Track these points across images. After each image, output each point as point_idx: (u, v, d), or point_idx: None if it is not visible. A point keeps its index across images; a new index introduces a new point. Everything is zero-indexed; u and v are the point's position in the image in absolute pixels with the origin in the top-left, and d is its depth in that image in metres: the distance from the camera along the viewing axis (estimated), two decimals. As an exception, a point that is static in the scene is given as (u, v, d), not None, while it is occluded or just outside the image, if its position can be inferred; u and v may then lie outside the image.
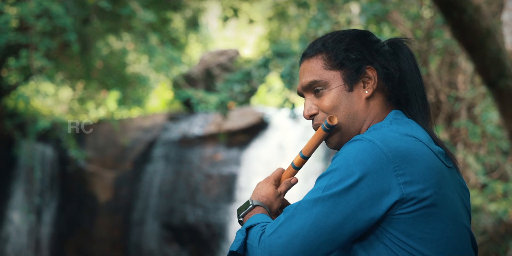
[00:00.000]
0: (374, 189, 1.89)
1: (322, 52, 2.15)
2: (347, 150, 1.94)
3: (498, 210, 8.34)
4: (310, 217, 1.88)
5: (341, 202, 1.88)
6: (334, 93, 2.12)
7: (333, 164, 1.95)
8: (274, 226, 1.90)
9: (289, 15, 12.43)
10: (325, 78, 2.12)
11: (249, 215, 2.08)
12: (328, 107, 2.11)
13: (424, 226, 1.92)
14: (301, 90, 2.17)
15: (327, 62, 2.13)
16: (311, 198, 1.90)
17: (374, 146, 1.92)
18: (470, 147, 9.19)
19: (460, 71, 9.26)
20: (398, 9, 8.87)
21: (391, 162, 1.90)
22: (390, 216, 1.90)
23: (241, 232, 1.99)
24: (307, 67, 2.16)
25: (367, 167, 1.90)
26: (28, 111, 12.11)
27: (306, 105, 2.16)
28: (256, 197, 2.13)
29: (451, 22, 5.92)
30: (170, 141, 12.68)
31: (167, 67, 12.31)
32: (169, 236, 12.20)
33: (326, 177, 1.93)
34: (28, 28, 10.06)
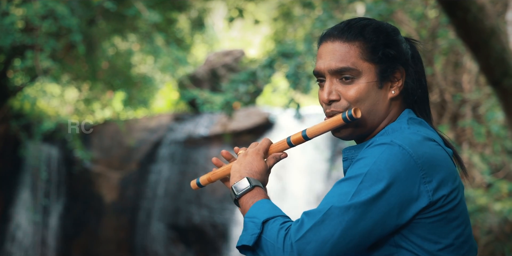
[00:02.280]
0: (403, 196, 1.89)
1: (360, 39, 2.08)
2: (376, 154, 1.91)
3: (503, 210, 8.33)
4: (341, 224, 1.85)
5: (372, 209, 1.87)
6: (365, 86, 2.07)
7: (362, 167, 1.91)
8: (301, 230, 1.85)
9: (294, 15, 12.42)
10: (359, 68, 2.07)
11: (250, 197, 2.03)
12: (354, 98, 2.06)
13: (441, 230, 1.93)
14: (326, 71, 2.08)
15: (364, 52, 2.07)
16: (342, 205, 1.86)
17: (405, 152, 1.91)
18: (475, 146, 9.17)
19: (465, 71, 9.25)
20: (403, 9, 8.87)
21: (420, 169, 1.90)
22: (412, 221, 1.91)
23: (255, 224, 1.94)
24: (340, 50, 2.07)
25: (398, 174, 1.89)
26: (34, 112, 12.13)
27: (327, 88, 2.08)
28: (250, 173, 2.09)
29: (455, 21, 5.91)
30: (175, 142, 12.69)
31: (172, 68, 12.31)
32: (174, 237, 12.21)
33: (355, 180, 1.89)
34: (34, 29, 10.08)
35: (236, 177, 2.08)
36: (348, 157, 2.15)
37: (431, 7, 8.97)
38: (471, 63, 8.98)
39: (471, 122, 8.78)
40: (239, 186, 2.05)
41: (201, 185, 2.29)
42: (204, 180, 2.29)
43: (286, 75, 8.90)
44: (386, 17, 8.43)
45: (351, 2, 8.82)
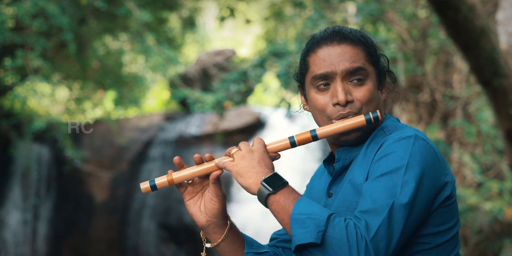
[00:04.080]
0: (435, 186, 2.01)
1: (362, 43, 2.16)
2: (408, 147, 1.99)
3: (493, 209, 8.36)
4: (404, 219, 1.92)
5: (417, 200, 1.96)
6: (372, 87, 2.15)
7: (399, 159, 1.97)
8: (372, 229, 1.89)
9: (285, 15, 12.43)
10: (368, 70, 2.14)
11: (288, 193, 2.00)
12: (367, 99, 2.13)
13: (449, 216, 2.06)
14: (340, 72, 2.12)
15: (367, 55, 2.15)
16: (404, 202, 1.92)
17: (429, 146, 2.02)
18: (466, 146, 9.20)
19: (455, 71, 9.27)
20: (394, 9, 8.88)
21: (441, 162, 2.04)
22: (435, 210, 2.04)
23: (317, 221, 1.91)
24: (349, 52, 2.13)
25: (429, 165, 1.99)
26: (25, 111, 12.09)
27: (342, 89, 2.11)
28: (270, 169, 2.07)
29: (445, 21, 5.93)
30: (166, 141, 12.67)
31: (163, 67, 12.31)
32: (165, 236, 12.20)
33: (397, 173, 1.96)
34: (24, 28, 10.05)
35: (254, 172, 2.06)
36: (341, 158, 2.20)
37: (421, 7, 8.99)
38: (461, 62, 9.00)
39: (462, 122, 8.80)
40: (270, 182, 2.02)
41: (156, 188, 2.21)
42: (163, 182, 2.20)
43: (277, 74, 8.90)
44: (377, 17, 8.45)
45: (342, 2, 8.83)
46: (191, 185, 2.25)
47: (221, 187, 2.22)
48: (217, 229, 2.24)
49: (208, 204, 2.23)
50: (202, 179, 2.24)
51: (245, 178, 2.07)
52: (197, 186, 2.25)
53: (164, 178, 2.20)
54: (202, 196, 2.25)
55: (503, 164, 8.92)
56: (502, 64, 6.04)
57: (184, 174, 2.19)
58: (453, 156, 8.98)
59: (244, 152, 2.12)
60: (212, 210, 2.22)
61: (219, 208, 2.22)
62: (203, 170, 2.18)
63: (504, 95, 6.17)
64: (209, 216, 2.23)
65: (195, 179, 2.24)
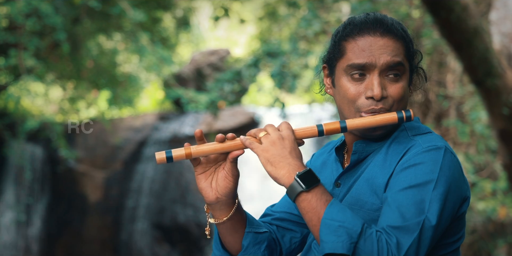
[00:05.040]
0: (458, 200, 1.99)
1: (403, 38, 2.11)
2: (439, 160, 1.96)
3: (487, 209, 8.37)
4: (430, 238, 1.91)
5: (443, 216, 1.94)
6: (406, 84, 2.11)
7: (428, 172, 1.94)
8: (403, 248, 1.87)
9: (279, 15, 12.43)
10: (405, 66, 2.10)
11: (320, 193, 1.95)
12: (399, 96, 2.08)
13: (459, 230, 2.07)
14: (380, 65, 2.06)
15: (406, 51, 2.10)
16: (434, 223, 1.91)
17: (456, 160, 2.00)
18: (459, 146, 9.21)
19: (449, 71, 9.28)
20: (388, 9, 8.88)
21: (464, 176, 2.03)
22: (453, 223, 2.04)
23: (350, 231, 1.88)
24: (392, 46, 2.08)
25: (456, 181, 1.97)
26: (18, 111, 12.04)
27: (378, 83, 2.05)
28: (302, 162, 2.02)
29: (439, 21, 5.93)
30: (160, 141, 12.66)
31: (157, 67, 12.28)
32: (159, 236, 12.19)
33: (426, 187, 1.93)
34: (17, 27, 10.02)
35: (286, 163, 1.99)
36: (358, 151, 2.14)
37: (415, 7, 8.99)
38: (455, 62, 9.01)
39: (455, 122, 8.81)
40: (305, 178, 1.96)
41: (171, 160, 2.11)
42: (180, 155, 2.11)
43: (271, 74, 8.90)
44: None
45: (336, 1, 8.84)
46: (205, 159, 2.18)
47: (237, 166, 2.16)
48: (224, 207, 2.19)
49: (222, 182, 2.16)
50: (218, 155, 2.17)
51: (277, 168, 2.00)
52: (212, 161, 2.19)
53: (182, 150, 2.12)
54: (215, 172, 2.19)
55: (497, 164, 8.94)
56: (495, 64, 6.05)
57: (204, 149, 2.12)
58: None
59: (274, 138, 2.04)
60: (225, 188, 2.16)
61: (232, 187, 2.16)
62: (225, 147, 2.12)
63: (497, 95, 6.17)
64: (220, 193, 2.16)
65: (211, 155, 2.17)
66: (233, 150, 2.12)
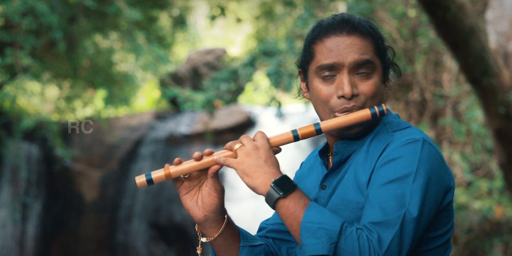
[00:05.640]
0: (440, 192, 1.98)
1: (372, 35, 2.10)
2: (417, 152, 1.96)
3: (483, 208, 8.38)
4: (413, 232, 1.90)
5: (425, 209, 1.93)
6: (378, 80, 2.10)
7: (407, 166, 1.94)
8: (384, 243, 1.87)
9: (276, 14, 12.43)
10: (375, 63, 2.09)
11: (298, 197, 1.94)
12: (372, 93, 2.08)
13: (447, 223, 2.06)
14: (348, 64, 2.06)
15: (376, 48, 2.10)
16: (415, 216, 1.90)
17: (436, 151, 1.99)
18: (456, 145, 9.21)
19: (445, 70, 9.28)
20: (384, 8, 8.89)
21: (446, 167, 2.01)
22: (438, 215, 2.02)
23: (330, 232, 1.87)
24: (359, 44, 2.07)
25: (436, 172, 1.96)
26: (14, 110, 12.02)
27: (348, 82, 2.05)
28: (278, 169, 2.01)
29: (435, 20, 5.93)
30: (157, 140, 12.65)
31: (154, 66, 12.27)
32: (155, 235, 12.18)
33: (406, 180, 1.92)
34: (13, 26, 10.00)
35: (262, 172, 1.99)
36: (339, 152, 2.14)
37: (411, 6, 9.00)
38: (451, 62, 9.01)
39: (452, 121, 8.82)
40: (280, 185, 1.96)
41: (152, 182, 2.12)
42: (160, 176, 2.11)
43: (267, 73, 8.90)
44: (367, 16, 8.45)
45: (333, 1, 8.84)
46: (187, 179, 2.17)
47: (219, 181, 2.16)
48: (214, 223, 2.19)
49: (206, 199, 2.15)
50: (199, 172, 2.16)
51: (253, 178, 1.99)
52: (194, 180, 2.17)
53: (161, 171, 2.12)
54: (199, 190, 2.18)
55: (493, 163, 8.95)
56: (491, 63, 6.05)
57: (182, 168, 2.12)
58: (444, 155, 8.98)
59: (249, 149, 2.04)
60: (211, 205, 2.15)
61: (217, 203, 2.15)
62: (202, 164, 2.11)
63: (493, 94, 6.18)
64: (207, 211, 2.16)
65: (193, 173, 2.17)
66: (211, 166, 2.12)
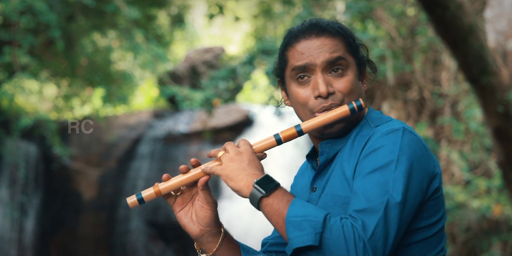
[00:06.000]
0: (426, 177, 1.99)
1: (341, 35, 2.14)
2: (397, 140, 1.98)
3: (481, 207, 8.38)
4: (398, 216, 1.90)
5: (409, 194, 1.93)
6: (353, 77, 2.13)
7: (388, 154, 1.96)
8: (368, 229, 1.87)
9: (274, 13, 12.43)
10: (348, 60, 2.12)
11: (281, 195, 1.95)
12: (349, 89, 2.10)
13: (437, 211, 2.05)
14: (320, 64, 2.09)
15: (347, 46, 2.13)
16: (398, 201, 1.90)
17: (417, 139, 2.01)
18: (454, 144, 9.22)
19: (443, 68, 9.29)
20: (383, 7, 8.89)
21: (429, 154, 2.03)
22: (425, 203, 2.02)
23: (314, 223, 1.88)
24: (329, 44, 2.11)
25: (419, 158, 1.98)
26: (12, 108, 12.02)
27: (323, 81, 2.08)
28: (260, 170, 2.03)
29: (434, 19, 5.93)
30: (155, 139, 12.64)
31: (152, 64, 12.27)
32: (154, 234, 12.18)
33: (388, 168, 1.94)
34: (12, 24, 9.99)
35: (245, 175, 2.01)
36: (325, 151, 2.17)
37: (410, 5, 9.00)
38: (450, 60, 9.02)
39: (450, 119, 8.82)
40: (263, 184, 1.97)
41: (143, 201, 2.16)
42: (150, 194, 2.14)
43: (266, 72, 8.89)
44: (366, 15, 8.45)
45: (331, -1, 8.84)
46: (180, 196, 2.20)
47: (211, 193, 2.17)
48: (211, 238, 2.19)
49: (200, 212, 2.18)
50: (190, 188, 2.19)
51: (236, 181, 2.01)
52: (186, 196, 2.20)
53: (150, 190, 2.15)
54: (192, 206, 2.20)
55: (491, 162, 8.95)
56: (490, 62, 6.05)
57: (171, 184, 2.14)
58: (442, 154, 8.99)
59: (232, 154, 2.06)
60: (205, 218, 2.17)
61: (211, 216, 2.17)
62: (190, 177, 2.13)
63: (492, 92, 6.18)
64: (202, 225, 2.18)
65: (184, 189, 2.19)
66: (199, 178, 2.13)
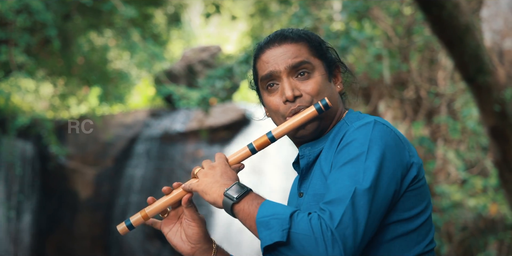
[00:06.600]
0: (400, 166, 1.99)
1: (304, 39, 2.19)
2: (368, 133, 1.99)
3: (477, 206, 8.39)
4: (368, 203, 1.90)
5: (380, 183, 1.94)
6: (320, 79, 2.16)
7: (359, 146, 1.97)
8: (335, 217, 1.87)
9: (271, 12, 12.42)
10: (313, 63, 2.16)
11: (251, 199, 1.98)
12: (316, 90, 2.14)
13: (420, 201, 2.04)
14: (284, 69, 2.14)
15: (311, 50, 2.18)
16: (366, 187, 1.91)
17: (389, 130, 2.02)
18: (451, 143, 9.23)
19: (440, 68, 9.30)
20: (379, 6, 8.90)
21: (404, 145, 2.03)
22: (403, 194, 2.02)
23: (281, 220, 1.90)
24: (291, 49, 2.16)
25: (391, 148, 1.99)
26: (8, 107, 12.00)
27: (289, 85, 2.13)
28: (232, 180, 2.07)
29: (430, 18, 5.94)
30: (151, 138, 12.64)
31: (148, 63, 12.26)
32: (150, 233, 12.17)
33: (359, 159, 1.95)
34: (8, 23, 9.97)
35: (217, 186, 2.05)
36: (305, 155, 2.20)
37: (407, 4, 9.01)
38: (446, 59, 9.03)
39: (446, 119, 8.83)
40: (233, 192, 2.01)
41: (133, 227, 2.21)
42: (138, 219, 2.19)
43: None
44: (363, 14, 8.46)
45: (328, -2, 8.84)
46: (167, 218, 2.24)
47: (196, 210, 2.22)
48: (203, 254, 2.22)
49: (188, 230, 2.21)
50: (176, 208, 2.24)
51: (210, 194, 2.06)
52: (173, 217, 2.25)
53: (138, 215, 2.21)
54: (180, 225, 2.24)
55: (487, 161, 8.97)
56: (486, 61, 6.06)
57: (156, 206, 2.20)
58: (438, 153, 9.01)
59: (206, 170, 2.12)
60: (193, 235, 2.21)
61: (199, 232, 2.21)
62: (174, 197, 2.18)
63: (488, 92, 6.19)
64: (192, 242, 2.21)
65: (170, 211, 2.24)
66: (182, 197, 2.19)
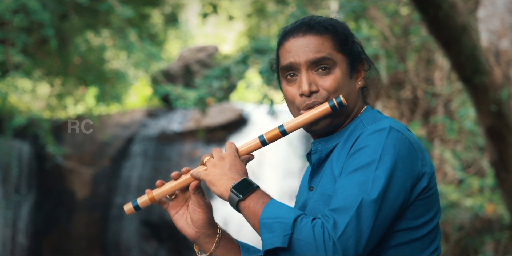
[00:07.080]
0: (411, 177, 1.96)
1: (330, 32, 2.15)
2: (382, 140, 1.96)
3: (474, 206, 8.40)
4: (374, 215, 1.89)
5: (389, 194, 1.92)
6: (340, 75, 2.13)
7: (371, 154, 1.95)
8: (339, 227, 1.86)
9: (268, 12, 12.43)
10: (335, 59, 2.13)
11: (258, 197, 1.98)
12: (334, 88, 2.12)
13: (428, 210, 2.02)
14: (303, 63, 2.12)
15: (336, 44, 2.14)
16: (373, 198, 1.89)
17: (404, 137, 1.99)
18: (447, 143, 9.24)
19: (437, 68, 9.31)
20: (376, 6, 8.90)
21: (418, 153, 2.00)
22: (413, 203, 1.99)
23: (284, 225, 1.89)
24: (315, 42, 2.13)
25: (404, 157, 1.96)
26: (5, 107, 12.00)
27: (307, 80, 2.11)
28: (240, 174, 2.06)
29: (427, 18, 5.95)
30: (148, 138, 12.63)
31: (146, 63, 12.25)
32: (147, 233, 12.17)
33: (369, 168, 1.93)
34: (5, 23, 9.96)
35: (225, 179, 2.04)
36: (317, 150, 2.18)
37: (403, 4, 9.02)
38: (443, 60, 9.04)
39: (443, 119, 8.84)
40: (241, 188, 2.00)
41: (139, 208, 2.21)
42: (145, 201, 2.20)
43: (259, 71, 8.89)
44: (360, 14, 8.46)
45: (325, -2, 8.85)
46: (174, 200, 2.24)
47: (204, 196, 2.20)
48: (208, 239, 2.22)
49: (193, 215, 2.21)
50: (184, 192, 2.23)
51: (217, 186, 2.05)
52: (180, 199, 2.24)
53: (145, 197, 2.21)
54: (187, 209, 2.23)
55: (484, 161, 8.98)
56: (483, 61, 6.07)
57: (164, 190, 2.20)
58: (435, 153, 9.02)
59: (215, 160, 2.10)
60: (198, 220, 2.20)
61: (204, 218, 2.20)
62: (181, 182, 2.18)
63: (484, 92, 6.20)
64: (197, 227, 2.21)
65: (178, 193, 2.23)
66: (190, 182, 2.18)
